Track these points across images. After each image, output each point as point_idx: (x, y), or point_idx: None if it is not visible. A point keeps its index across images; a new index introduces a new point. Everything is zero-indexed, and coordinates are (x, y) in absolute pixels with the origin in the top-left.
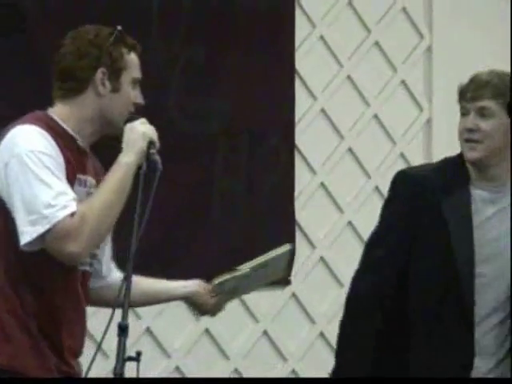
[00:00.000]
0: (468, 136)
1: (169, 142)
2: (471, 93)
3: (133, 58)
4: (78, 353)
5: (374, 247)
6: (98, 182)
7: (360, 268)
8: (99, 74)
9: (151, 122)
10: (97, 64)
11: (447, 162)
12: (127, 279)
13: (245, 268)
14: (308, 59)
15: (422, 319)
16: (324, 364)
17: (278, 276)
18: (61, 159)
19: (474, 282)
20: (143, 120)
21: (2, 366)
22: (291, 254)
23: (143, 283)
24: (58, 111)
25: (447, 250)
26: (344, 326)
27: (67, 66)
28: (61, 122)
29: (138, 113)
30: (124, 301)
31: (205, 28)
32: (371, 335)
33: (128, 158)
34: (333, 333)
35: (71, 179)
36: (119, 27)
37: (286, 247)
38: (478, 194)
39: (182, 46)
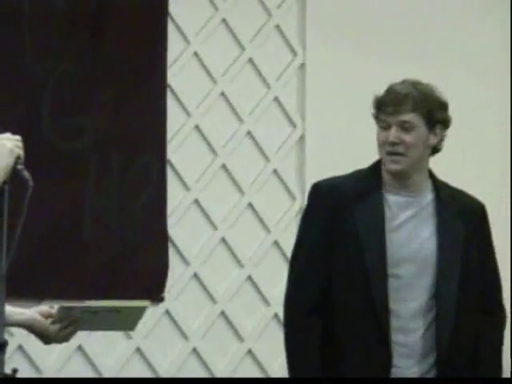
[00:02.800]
0: (391, 149)
1: (41, 158)
2: (392, 107)
3: None
4: None
5: (296, 261)
6: None
7: (287, 285)
8: None
9: (24, 137)
10: None
11: (359, 172)
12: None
13: (95, 304)
14: (182, 76)
15: (343, 322)
16: None
17: (125, 327)
18: None
19: (386, 284)
20: (8, 135)
21: None
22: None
23: None
24: None
25: (359, 254)
26: (287, 342)
27: None
28: None
29: (10, 127)
30: None
31: (77, 44)
32: (315, 347)
33: None
34: (205, 349)
35: None
36: None
37: (144, 303)
38: (393, 199)
39: (54, 62)
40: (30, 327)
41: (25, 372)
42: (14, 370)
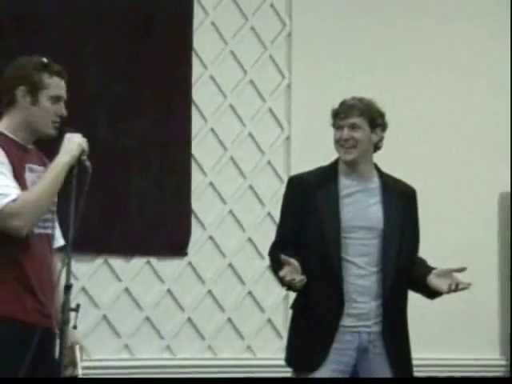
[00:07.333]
0: (344, 144)
1: (99, 153)
2: (343, 113)
3: (54, 81)
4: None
5: (277, 228)
6: (45, 166)
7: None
8: (19, 91)
9: (88, 139)
10: (17, 84)
11: (321, 168)
12: (68, 248)
13: None
14: (201, 92)
15: (311, 276)
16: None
17: None
18: (6, 161)
19: (339, 242)
20: (79, 134)
21: None
22: None
23: None
24: (3, 122)
25: (320, 224)
26: (269, 255)
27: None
28: (5, 131)
29: (76, 130)
30: (67, 265)
31: (126, 68)
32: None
33: (63, 159)
34: (217, 291)
35: (20, 170)
36: (44, 59)
37: None
38: (347, 182)
39: (109, 83)
40: None
41: (85, 307)
42: (77, 305)
